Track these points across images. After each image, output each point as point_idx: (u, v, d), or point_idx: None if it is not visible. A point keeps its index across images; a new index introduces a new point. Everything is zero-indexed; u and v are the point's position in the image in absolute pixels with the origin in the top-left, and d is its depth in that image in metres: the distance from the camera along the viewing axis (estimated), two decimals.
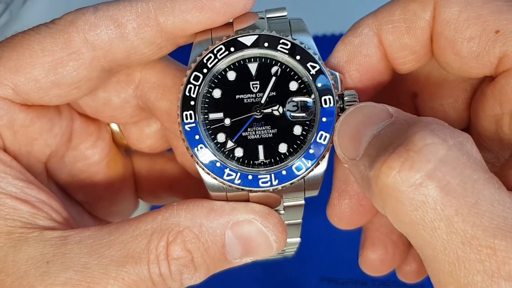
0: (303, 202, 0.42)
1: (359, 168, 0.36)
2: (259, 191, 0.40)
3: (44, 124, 0.44)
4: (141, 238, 0.38)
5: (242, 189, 0.40)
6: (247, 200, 0.41)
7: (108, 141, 0.50)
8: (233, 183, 0.40)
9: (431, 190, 0.31)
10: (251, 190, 0.40)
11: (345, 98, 0.41)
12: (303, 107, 0.41)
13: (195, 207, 0.39)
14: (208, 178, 0.40)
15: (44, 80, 0.40)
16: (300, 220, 0.44)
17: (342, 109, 0.41)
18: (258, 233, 0.40)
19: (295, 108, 0.41)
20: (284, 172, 0.40)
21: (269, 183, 0.40)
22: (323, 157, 0.40)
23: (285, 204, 0.42)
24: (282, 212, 0.43)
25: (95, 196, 0.51)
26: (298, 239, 0.46)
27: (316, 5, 0.84)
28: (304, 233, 0.73)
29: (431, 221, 0.31)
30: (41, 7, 0.85)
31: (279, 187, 0.40)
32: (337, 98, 0.40)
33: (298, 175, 0.40)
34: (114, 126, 0.51)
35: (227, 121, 0.41)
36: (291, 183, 0.40)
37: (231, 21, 0.41)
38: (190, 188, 0.49)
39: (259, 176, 0.40)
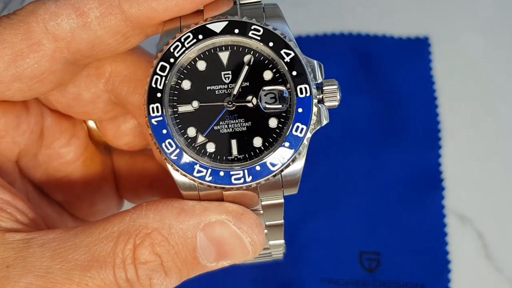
0: (282, 200, 0.40)
1: None
2: (232, 188, 0.38)
3: (9, 121, 0.42)
4: (107, 240, 0.36)
5: (214, 187, 0.38)
6: (221, 199, 0.39)
7: (83, 138, 0.48)
8: (204, 180, 0.38)
9: None
10: (223, 188, 0.38)
11: (324, 88, 0.38)
12: (279, 97, 0.38)
13: (165, 208, 0.37)
14: (178, 176, 0.38)
15: (5, 74, 0.38)
16: (281, 221, 0.41)
17: (321, 100, 0.38)
18: (232, 235, 0.38)
19: (270, 99, 0.38)
20: (258, 168, 0.38)
21: (242, 179, 0.37)
22: (301, 151, 0.38)
23: (263, 203, 0.40)
24: (261, 212, 0.40)
25: (74, 196, 0.49)
26: (281, 241, 0.44)
27: (315, 4, 0.82)
28: (304, 233, 0.72)
29: None
30: None
31: (253, 183, 0.38)
32: (314, 87, 0.38)
33: (273, 171, 0.37)
34: (91, 123, 0.49)
35: (195, 104, 0.38)
36: (266, 180, 0.38)
37: (201, 8, 0.39)
38: (170, 187, 0.47)
39: (232, 172, 0.37)
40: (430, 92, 0.77)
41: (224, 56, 0.39)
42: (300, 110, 0.38)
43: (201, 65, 0.39)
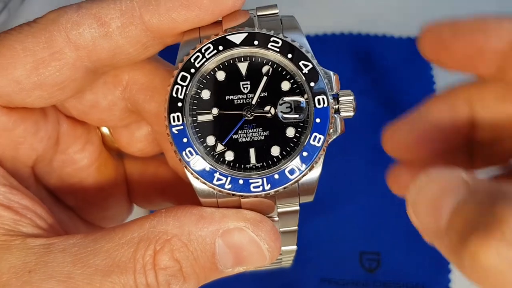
0: (298, 208, 0.41)
1: (444, 241, 0.34)
2: (250, 196, 0.39)
3: (28, 127, 0.42)
4: (127, 246, 0.37)
5: (233, 194, 0.38)
6: (239, 206, 0.39)
7: (97, 144, 0.48)
8: (223, 188, 0.38)
9: None
10: (242, 196, 0.38)
11: (340, 99, 0.39)
12: (296, 108, 0.39)
13: (184, 215, 0.38)
14: (197, 183, 0.39)
15: (26, 81, 0.39)
16: (295, 228, 0.42)
17: (337, 111, 0.39)
18: (250, 241, 0.38)
19: (288, 109, 0.39)
20: (276, 176, 0.38)
21: (261, 187, 0.38)
22: (318, 160, 0.38)
23: (279, 210, 0.41)
24: (276, 219, 0.41)
25: (86, 201, 0.49)
26: (294, 247, 0.44)
27: (315, 3, 0.82)
28: (304, 234, 0.72)
29: None
30: (40, 5, 0.84)
31: (272, 192, 0.38)
32: (331, 98, 0.39)
33: (291, 179, 0.38)
34: (105, 129, 0.49)
35: (215, 111, 0.39)
36: (284, 188, 0.38)
37: (220, 19, 0.40)
38: (182, 193, 0.48)
39: (251, 181, 0.38)
40: (430, 92, 0.78)
41: (243, 66, 0.39)
42: (317, 120, 0.38)
43: (221, 75, 0.39)
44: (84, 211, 0.50)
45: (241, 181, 0.38)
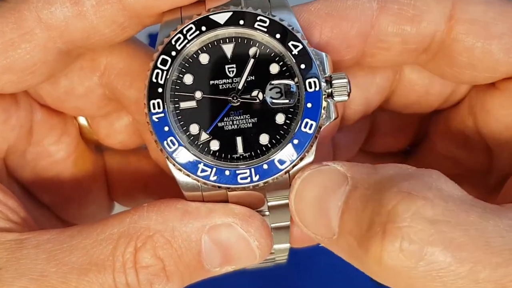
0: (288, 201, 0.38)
1: (341, 246, 0.34)
2: (238, 188, 0.36)
3: None
4: (106, 243, 0.35)
5: (219, 187, 0.36)
6: (225, 200, 0.37)
7: (74, 136, 0.46)
8: (208, 179, 0.36)
9: (440, 255, 0.30)
10: (228, 188, 0.36)
11: (333, 82, 0.36)
12: (286, 92, 0.36)
13: (168, 209, 0.36)
14: (181, 176, 0.36)
15: None
16: (288, 223, 0.40)
17: (330, 95, 0.36)
18: (238, 238, 0.36)
19: (277, 94, 0.37)
20: (265, 166, 0.36)
21: (248, 179, 0.36)
22: (310, 148, 0.36)
23: (270, 204, 0.38)
24: (267, 213, 0.39)
25: (63, 197, 0.46)
26: (287, 245, 0.42)
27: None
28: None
29: (454, 283, 0.30)
30: None
31: (260, 183, 0.36)
32: (323, 81, 0.36)
33: (282, 169, 0.36)
34: (82, 120, 0.46)
35: (198, 95, 0.36)
36: (274, 179, 0.36)
37: None
38: (166, 188, 0.45)
39: (238, 171, 0.36)
40: None
41: (228, 48, 0.37)
42: (309, 105, 0.36)
43: (204, 59, 0.37)
44: (61, 209, 0.47)
45: (227, 172, 0.36)
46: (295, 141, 0.36)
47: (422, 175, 0.33)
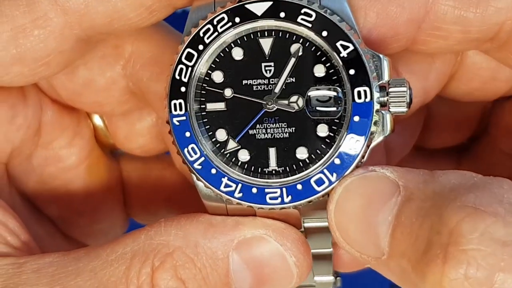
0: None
1: (392, 268, 0.30)
2: (265, 209, 0.32)
3: (3, 113, 0.37)
4: (118, 263, 0.31)
5: (246, 205, 0.32)
6: (253, 215, 0.33)
7: (88, 139, 0.42)
8: (232, 196, 0.32)
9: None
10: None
11: (390, 90, 0.31)
12: (331, 99, 0.32)
13: (189, 222, 0.32)
14: (203, 186, 0.33)
15: (3, 55, 0.33)
16: (330, 250, 0.35)
17: (385, 104, 0.31)
18: (272, 254, 0.32)
19: (321, 101, 0.32)
20: (299, 187, 0.32)
21: (279, 199, 0.32)
22: (355, 169, 0.31)
23: (306, 225, 0.34)
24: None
25: (72, 211, 0.42)
26: (330, 278, 0.37)
27: None
28: None
29: None
30: None
31: (292, 206, 0.31)
32: (377, 90, 0.31)
33: (318, 192, 0.31)
34: (97, 120, 0.42)
35: (228, 92, 0.32)
36: (309, 201, 0.31)
37: None
38: (193, 203, 0.40)
39: (267, 190, 0.32)
40: None
41: (266, 43, 0.32)
42: (356, 118, 0.31)
43: (237, 53, 0.32)
44: (69, 224, 0.43)
45: (254, 190, 0.32)
46: (337, 161, 0.31)
47: (490, 184, 0.29)
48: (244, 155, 0.32)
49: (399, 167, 0.30)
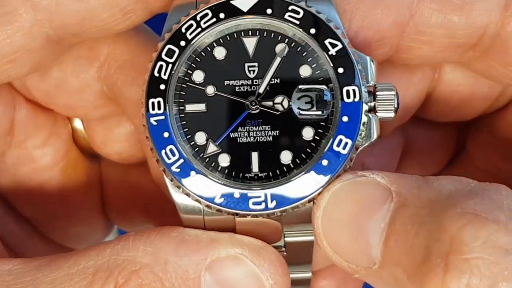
0: (312, 238, 0.32)
1: (384, 278, 0.29)
2: (248, 215, 0.30)
3: None
4: (79, 277, 0.29)
5: (227, 212, 0.30)
6: (232, 228, 0.31)
7: (65, 139, 0.40)
8: (213, 202, 0.30)
9: None
10: (237, 214, 0.30)
11: (377, 93, 0.31)
12: (318, 101, 0.31)
13: (159, 238, 0.30)
14: (178, 195, 0.31)
15: None
16: (309, 275, 0.34)
17: (373, 109, 0.31)
18: (247, 275, 0.30)
19: (307, 103, 0.31)
20: (284, 191, 0.30)
21: (262, 204, 0.30)
22: (342, 173, 0.30)
23: (287, 239, 0.32)
24: (284, 253, 0.33)
25: (47, 212, 0.41)
26: None
27: None
28: None
29: None
30: None
31: (277, 211, 0.30)
32: (365, 91, 0.30)
33: (304, 196, 0.30)
34: (78, 123, 0.41)
35: (210, 90, 0.31)
36: (295, 207, 0.30)
37: None
38: (170, 214, 0.38)
39: (250, 195, 0.30)
40: None
41: (250, 43, 0.31)
42: (345, 118, 0.30)
43: (220, 53, 0.31)
44: (45, 226, 0.41)
45: (237, 195, 0.30)
46: (324, 162, 0.30)
47: (488, 191, 0.28)
48: (224, 160, 0.31)
49: (390, 172, 0.29)
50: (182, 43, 0.31)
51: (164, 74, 0.31)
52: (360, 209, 0.28)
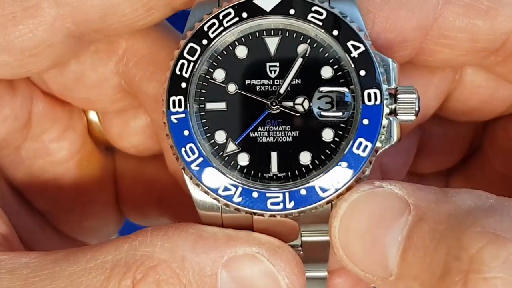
0: (328, 238, 0.31)
1: None
2: (265, 214, 0.30)
3: None
4: (96, 272, 0.29)
5: (245, 212, 0.30)
6: (250, 227, 0.31)
7: (81, 132, 0.40)
8: (231, 201, 0.30)
9: None
10: (255, 213, 0.30)
11: (399, 96, 0.30)
12: (338, 102, 0.31)
13: (177, 234, 0.30)
14: (197, 193, 0.31)
15: None
16: (325, 274, 0.34)
17: (394, 112, 0.31)
18: (264, 274, 0.30)
19: (327, 104, 0.31)
20: (303, 192, 0.30)
21: (281, 204, 0.30)
22: (361, 175, 0.30)
23: (304, 239, 0.32)
24: (301, 252, 0.33)
25: (61, 206, 0.41)
26: None
27: None
28: None
29: None
30: None
31: (295, 212, 0.30)
32: (386, 94, 0.30)
33: (323, 198, 0.30)
34: (93, 116, 0.41)
35: (231, 89, 0.31)
36: (313, 208, 0.30)
37: None
38: (185, 208, 0.39)
39: (268, 194, 0.30)
40: None
41: (272, 42, 0.31)
42: (365, 121, 0.30)
43: (241, 52, 0.31)
44: (59, 219, 0.41)
45: (255, 194, 0.30)
46: (343, 164, 0.30)
47: (508, 207, 0.27)
48: (243, 159, 0.31)
49: (407, 183, 0.29)
50: (204, 41, 0.31)
51: (186, 72, 0.31)
52: (377, 220, 0.28)
